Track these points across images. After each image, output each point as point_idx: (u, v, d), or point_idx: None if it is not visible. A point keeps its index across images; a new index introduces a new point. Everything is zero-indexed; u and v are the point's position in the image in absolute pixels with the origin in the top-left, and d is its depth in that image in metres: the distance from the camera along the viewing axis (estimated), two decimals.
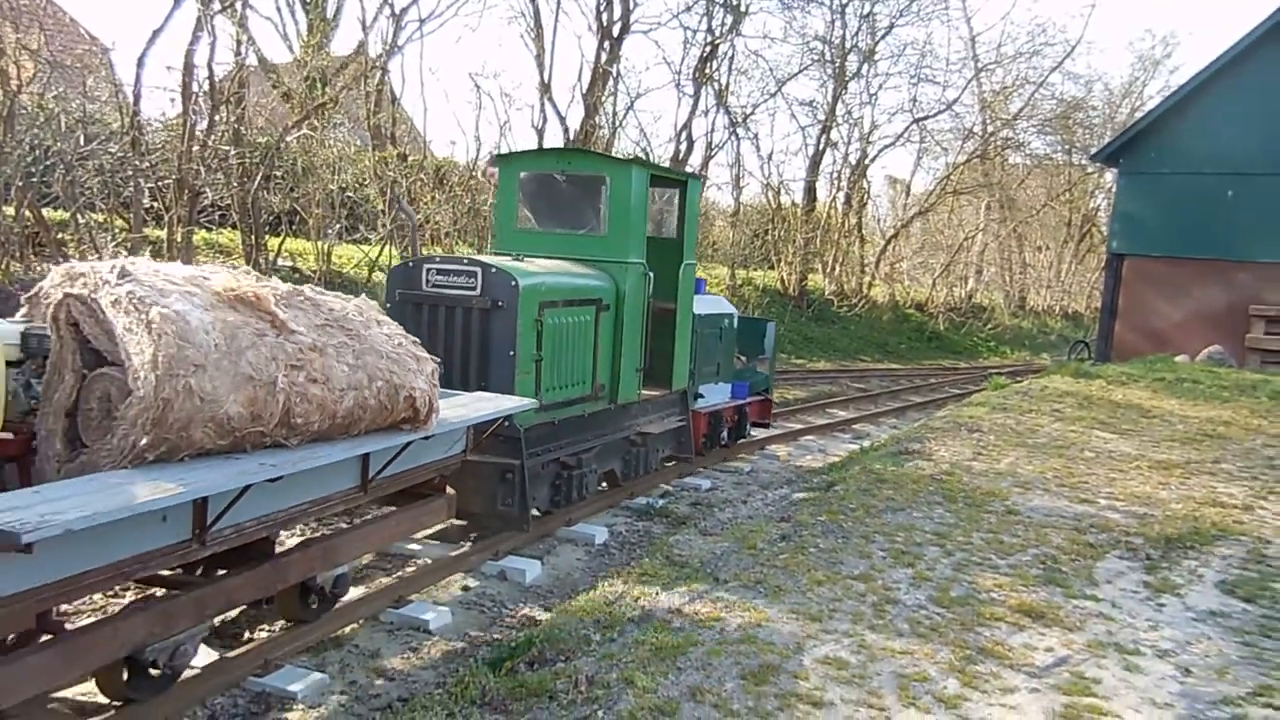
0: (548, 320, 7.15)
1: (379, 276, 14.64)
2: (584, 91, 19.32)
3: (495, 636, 5.50)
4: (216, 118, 13.90)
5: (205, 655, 4.75)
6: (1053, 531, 6.67)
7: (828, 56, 27.50)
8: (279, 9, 19.11)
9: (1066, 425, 11.02)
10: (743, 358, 11.13)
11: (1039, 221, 38.64)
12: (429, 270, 7.11)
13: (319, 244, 14.93)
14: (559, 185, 8.42)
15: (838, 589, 5.40)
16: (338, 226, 15.43)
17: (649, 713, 3.98)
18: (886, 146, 30.75)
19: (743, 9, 22.98)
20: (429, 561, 6.47)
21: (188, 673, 4.52)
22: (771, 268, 27.14)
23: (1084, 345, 24.07)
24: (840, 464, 9.96)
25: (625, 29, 20.02)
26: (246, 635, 5.19)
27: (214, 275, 4.40)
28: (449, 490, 6.17)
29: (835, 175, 29.61)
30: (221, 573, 4.71)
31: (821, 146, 28.06)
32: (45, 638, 3.93)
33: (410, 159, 16.63)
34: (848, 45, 27.45)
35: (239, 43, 14.14)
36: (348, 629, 5.39)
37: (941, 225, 35.12)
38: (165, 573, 4.48)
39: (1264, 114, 18.15)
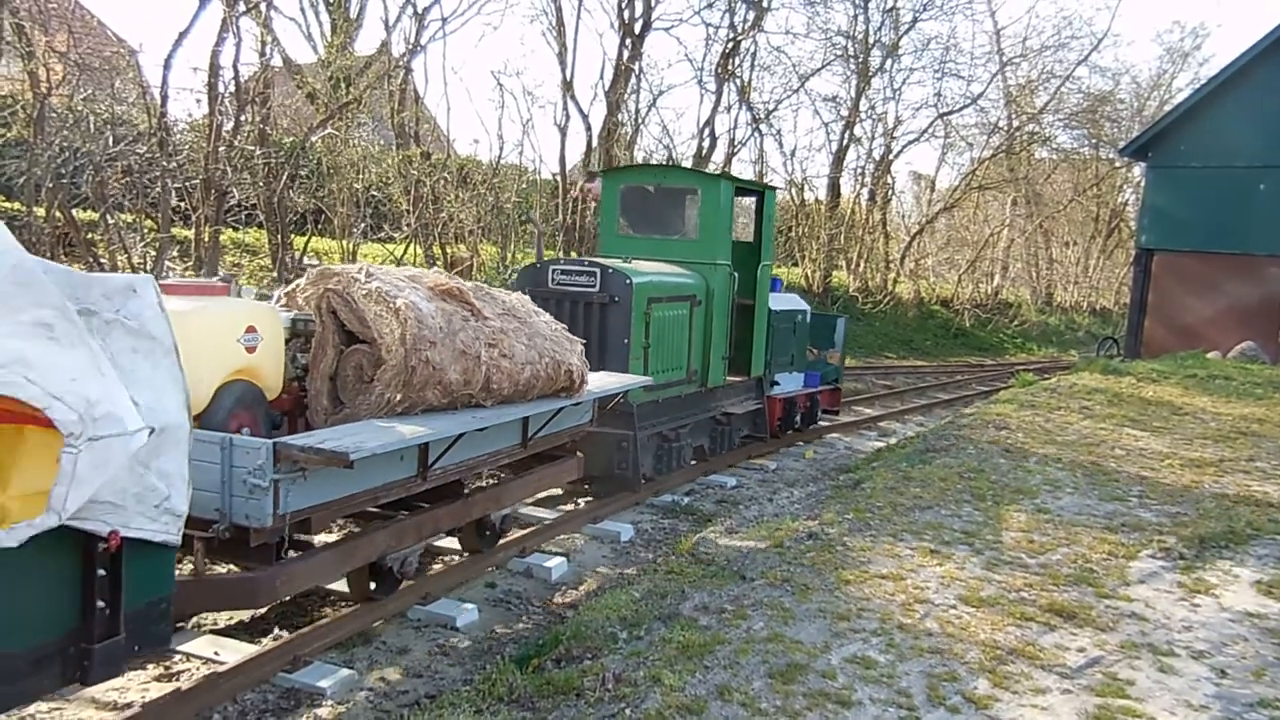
0: (654, 313, 8.38)
1: None
2: (606, 89, 19.32)
3: (522, 634, 5.51)
4: (242, 118, 14.03)
5: (236, 651, 4.79)
6: (1083, 531, 6.59)
7: (851, 51, 27.35)
8: (303, 9, 19.22)
9: (1096, 423, 10.88)
10: (815, 350, 12.18)
11: (1066, 217, 38.22)
12: (554, 271, 8.38)
13: (344, 243, 15.04)
14: (655, 196, 9.79)
15: (865, 588, 5.35)
16: (362, 225, 15.53)
17: (676, 711, 3.97)
18: (911, 142, 30.55)
19: (765, 5, 22.94)
20: (456, 559, 6.49)
21: (217, 668, 4.58)
22: (795, 265, 27.02)
23: (1113, 342, 23.78)
24: (867, 461, 9.90)
25: (647, 26, 20.00)
26: (276, 631, 5.23)
27: (424, 274, 5.62)
28: (579, 454, 7.31)
29: (859, 171, 29.47)
30: (426, 506, 5.81)
31: (845, 142, 27.92)
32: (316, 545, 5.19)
33: (434, 158, 16.70)
34: (871, 40, 27.28)
35: (263, 43, 14.27)
36: (376, 625, 5.42)
37: (967, 221, 34.81)
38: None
39: None
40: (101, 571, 3.09)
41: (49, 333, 2.86)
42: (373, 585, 5.47)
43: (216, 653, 4.82)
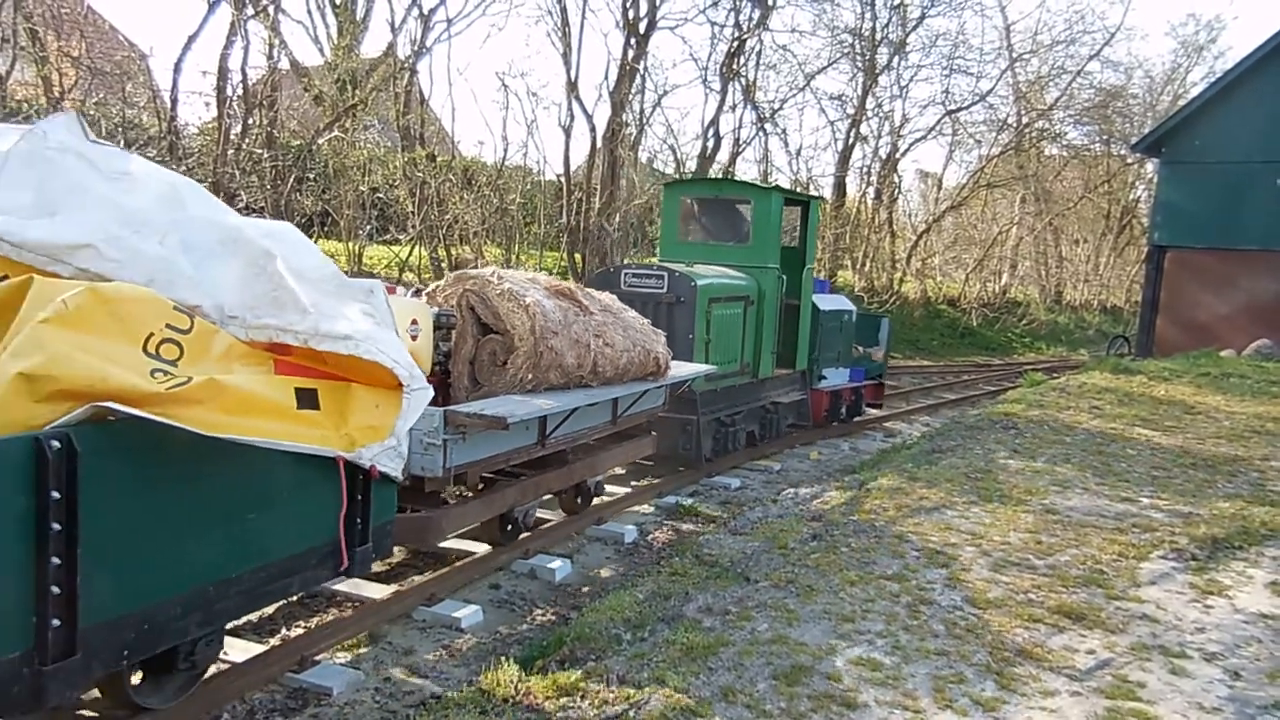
0: (714, 312, 9.37)
1: (409, 277, 14.73)
2: (611, 89, 19.28)
3: (526, 635, 5.49)
4: (250, 121, 14.07)
5: (244, 650, 4.79)
6: (1093, 532, 6.53)
7: (858, 49, 27.27)
8: (309, 12, 19.31)
9: (1106, 422, 10.81)
10: (859, 348, 12.95)
11: (1076, 214, 38.01)
12: (625, 274, 9.41)
13: (350, 245, 15.05)
14: (711, 206, 11.02)
15: (870, 589, 5.32)
16: (368, 227, 15.55)
17: (679, 713, 3.94)
18: (918, 140, 30.45)
19: (771, 3, 22.85)
20: (461, 561, 6.48)
21: (224, 667, 4.57)
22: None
23: (1124, 340, 23.65)
24: (872, 462, 9.85)
25: (652, 25, 19.94)
26: (284, 632, 5.23)
27: (540, 277, 6.83)
28: (653, 433, 8.37)
29: (865, 170, 29.36)
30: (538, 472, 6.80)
31: (851, 141, 27.82)
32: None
33: (439, 159, 16.71)
34: (878, 37, 27.17)
35: (271, 46, 14.31)
36: (384, 627, 5.41)
37: (975, 219, 34.66)
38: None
39: None
40: (359, 496, 4.16)
41: (373, 318, 4.01)
42: (507, 529, 6.58)
43: (225, 652, 4.82)
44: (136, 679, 4.07)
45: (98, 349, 3.11)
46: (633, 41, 19.60)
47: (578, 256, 18.39)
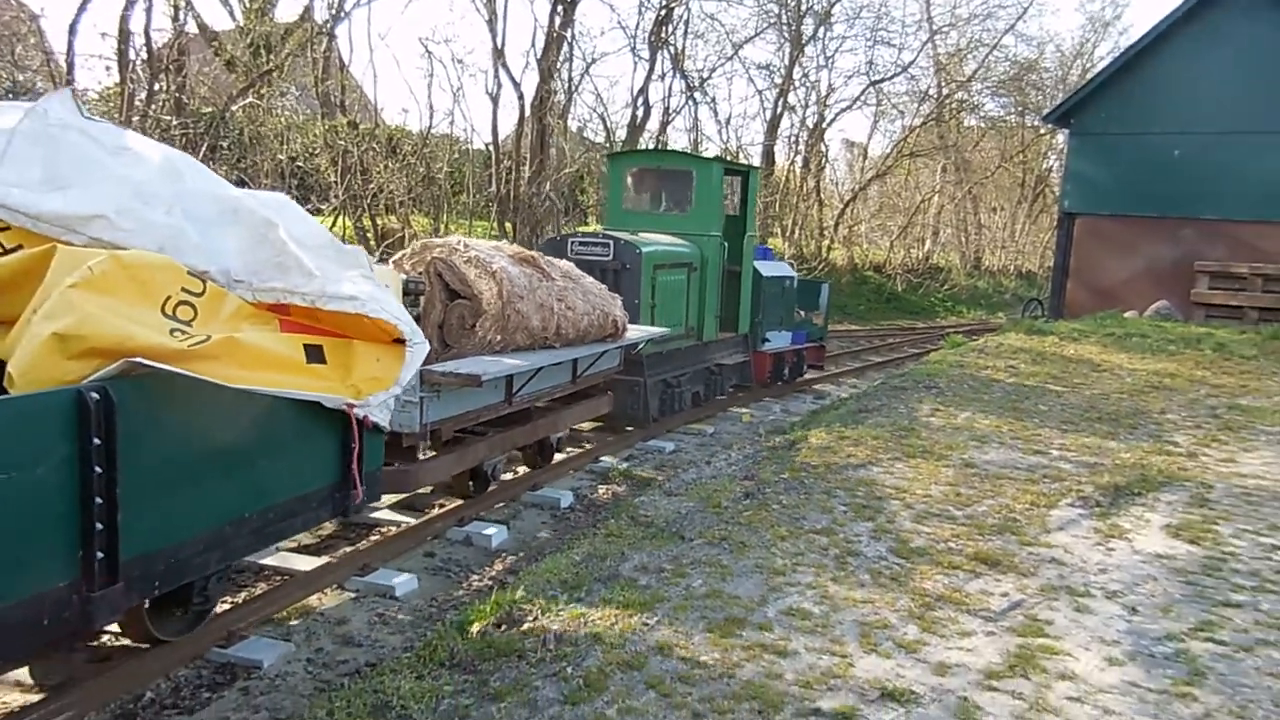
0: (659, 278, 9.71)
1: None
2: (538, 57, 19.05)
3: (462, 600, 5.52)
4: (156, 87, 13.53)
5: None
6: (1008, 483, 6.83)
7: (784, 19, 27.43)
8: None
9: (1021, 380, 11.25)
10: (801, 312, 13.51)
11: (994, 183, 39.09)
12: (573, 242, 9.74)
13: None
14: (655, 176, 11.38)
15: (800, 543, 5.49)
16: (289, 197, 15.11)
17: (618, 667, 4.04)
18: (844, 110, 31.00)
19: None
20: (393, 530, 6.46)
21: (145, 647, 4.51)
22: None
23: (1037, 303, 24.49)
24: (802, 423, 10.08)
25: None
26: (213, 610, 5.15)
27: (504, 246, 7.24)
28: (609, 393, 8.74)
29: (793, 139, 29.67)
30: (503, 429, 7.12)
31: (779, 110, 28.08)
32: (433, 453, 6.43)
33: (361, 127, 16.32)
34: (804, 8, 27.39)
35: (176, 8, 13.73)
36: (314, 599, 5.38)
37: (899, 188, 35.38)
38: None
39: (1206, 75, 18.47)
40: (353, 446, 4.44)
41: (371, 282, 4.30)
42: (470, 485, 6.99)
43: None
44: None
45: (122, 311, 3.43)
46: (559, 8, 19.37)
47: (508, 225, 18.22)
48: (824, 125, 29.85)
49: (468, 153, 18.94)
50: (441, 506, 6.95)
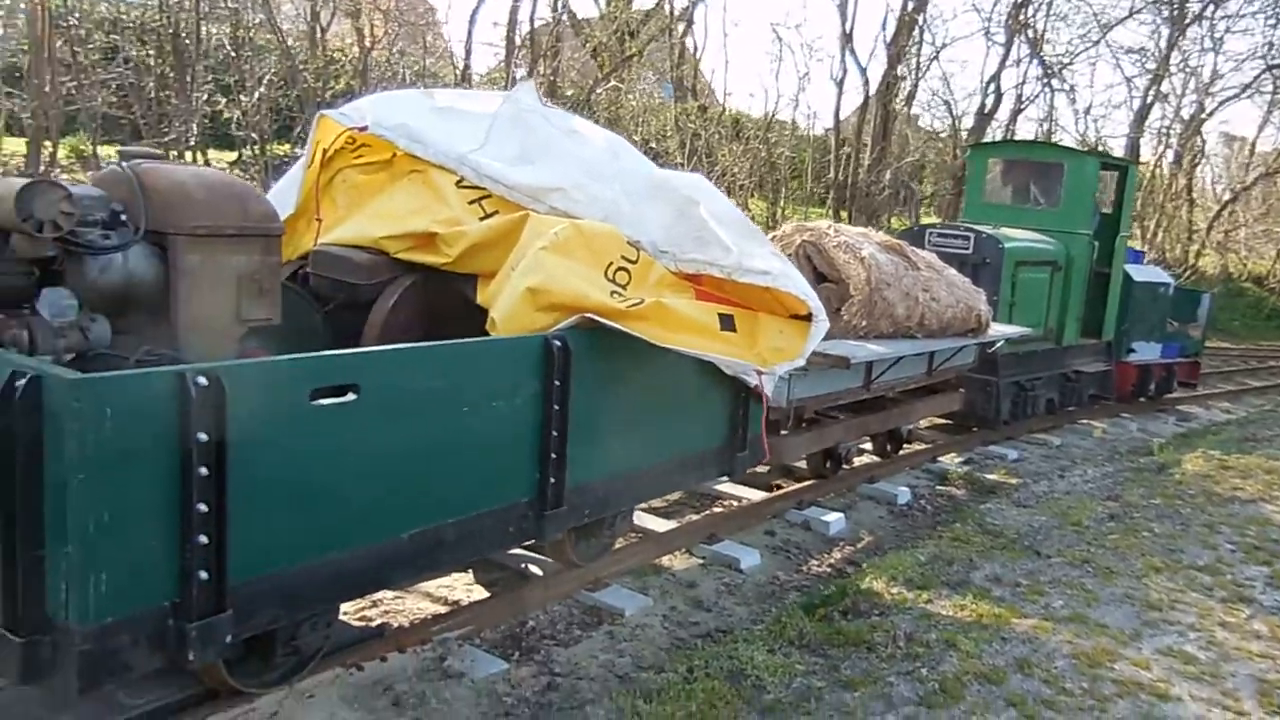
0: (1020, 275, 9.32)
1: None
2: (888, 41, 18.57)
3: (803, 583, 5.62)
4: (534, 70, 14.91)
5: (542, 568, 5.26)
6: None
7: None
8: None
9: None
10: (1175, 323, 12.32)
11: None
12: (931, 234, 9.46)
13: None
14: (1021, 168, 10.86)
15: (1179, 579, 4.99)
16: None
17: (975, 678, 3.94)
18: (1229, 99, 26.86)
19: None
20: (734, 504, 6.71)
21: (529, 582, 5.07)
22: None
23: None
24: (1169, 445, 9.08)
25: None
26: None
27: (871, 233, 7.27)
28: (960, 390, 8.52)
29: (1164, 132, 26.40)
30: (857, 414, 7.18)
31: (1150, 100, 25.09)
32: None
33: (709, 111, 16.92)
34: None
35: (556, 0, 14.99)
36: (665, 560, 5.74)
37: None
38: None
39: None
40: (742, 411, 4.92)
41: (780, 258, 4.56)
42: (827, 465, 7.18)
43: (526, 566, 5.33)
44: None
45: (578, 271, 3.96)
46: None
47: (844, 214, 18.05)
48: (1203, 116, 26.22)
49: (807, 138, 18.96)
50: (779, 488, 7.10)
